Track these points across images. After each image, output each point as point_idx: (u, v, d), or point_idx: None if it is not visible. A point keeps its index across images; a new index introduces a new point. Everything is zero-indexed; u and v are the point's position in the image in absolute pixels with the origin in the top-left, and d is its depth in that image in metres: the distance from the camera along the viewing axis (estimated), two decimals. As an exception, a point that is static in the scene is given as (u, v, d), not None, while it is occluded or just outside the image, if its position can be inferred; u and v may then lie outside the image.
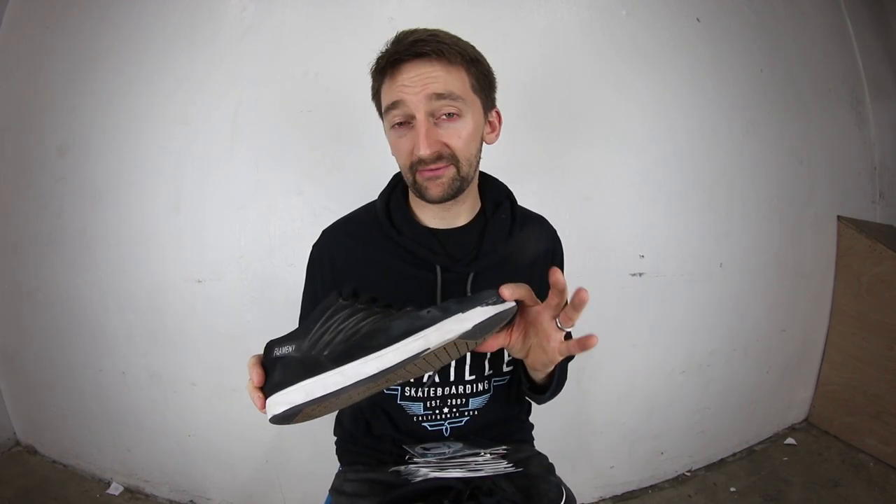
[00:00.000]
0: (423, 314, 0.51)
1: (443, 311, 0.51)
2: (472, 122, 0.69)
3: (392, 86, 0.67)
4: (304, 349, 0.52)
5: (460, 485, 0.72)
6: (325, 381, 0.50)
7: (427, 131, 0.66)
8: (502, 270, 0.77)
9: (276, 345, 0.55)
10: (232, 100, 1.37)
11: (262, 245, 1.39)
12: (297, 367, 0.51)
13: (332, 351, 0.51)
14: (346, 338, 0.51)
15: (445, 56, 0.65)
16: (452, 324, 0.50)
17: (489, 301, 0.52)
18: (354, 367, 0.49)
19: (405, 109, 0.67)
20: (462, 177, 0.70)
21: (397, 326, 0.50)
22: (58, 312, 1.58)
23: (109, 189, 1.46)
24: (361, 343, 0.50)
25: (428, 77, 0.65)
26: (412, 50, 0.65)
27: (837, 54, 1.89)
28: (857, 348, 1.80)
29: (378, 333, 0.50)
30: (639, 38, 1.48)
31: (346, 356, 0.50)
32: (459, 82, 0.67)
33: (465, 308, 0.51)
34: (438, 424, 0.80)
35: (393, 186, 0.81)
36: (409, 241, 0.75)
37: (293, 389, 0.50)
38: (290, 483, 1.54)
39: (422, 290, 0.74)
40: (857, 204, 1.93)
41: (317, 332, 0.53)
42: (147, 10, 1.40)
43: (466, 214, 0.78)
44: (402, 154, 0.70)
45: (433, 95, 0.65)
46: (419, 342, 0.49)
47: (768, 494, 1.59)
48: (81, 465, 1.70)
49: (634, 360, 1.59)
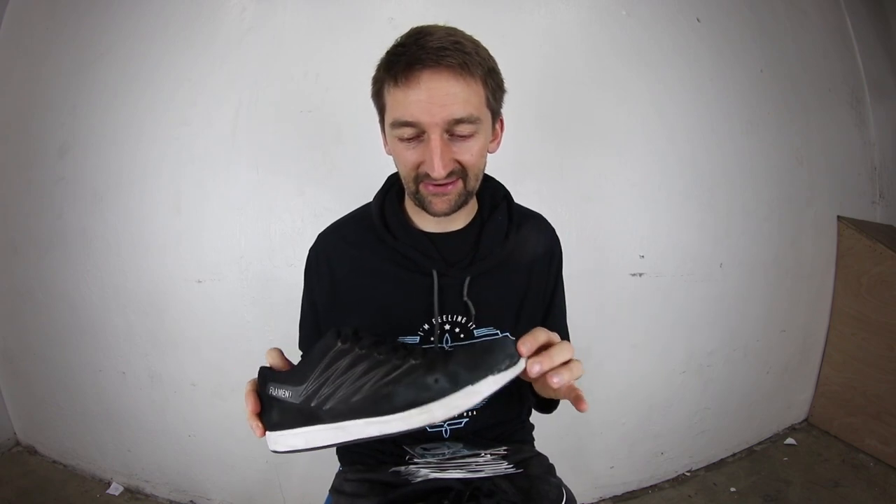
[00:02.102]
0: (431, 384, 0.48)
1: (452, 381, 0.47)
2: (484, 137, 0.67)
3: (406, 97, 0.61)
4: (301, 398, 0.51)
5: (460, 485, 0.72)
6: (325, 434, 0.50)
7: (442, 152, 0.62)
8: (499, 274, 0.76)
9: (271, 381, 0.53)
10: (232, 100, 1.37)
11: (263, 245, 1.39)
12: (296, 414, 0.50)
13: (333, 408, 0.49)
14: (346, 397, 0.49)
15: (469, 70, 0.60)
16: (460, 399, 0.47)
17: (501, 367, 0.48)
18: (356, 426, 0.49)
19: (419, 129, 0.62)
20: (468, 191, 0.69)
21: (401, 395, 0.48)
22: (58, 313, 1.58)
23: (110, 189, 1.46)
24: (364, 406, 0.49)
25: (448, 96, 0.60)
26: (435, 58, 0.59)
27: (837, 54, 1.89)
28: (857, 348, 1.80)
29: (381, 400, 0.48)
30: (639, 39, 1.48)
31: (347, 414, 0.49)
32: (477, 99, 0.63)
33: (475, 378, 0.47)
34: (438, 425, 0.79)
35: (387, 189, 0.79)
36: (405, 245, 0.74)
37: (293, 434, 0.50)
38: (290, 483, 1.54)
39: (418, 295, 0.74)
40: (857, 204, 1.93)
41: (315, 381, 0.51)
42: (147, 11, 1.40)
43: (463, 218, 0.77)
44: (407, 165, 0.66)
45: (453, 121, 0.61)
46: (423, 416, 0.47)
47: (768, 495, 1.59)
48: (81, 465, 1.70)
49: (634, 360, 1.59)
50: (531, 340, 0.50)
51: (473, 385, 0.47)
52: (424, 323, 0.74)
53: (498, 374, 0.48)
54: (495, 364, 0.48)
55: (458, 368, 0.48)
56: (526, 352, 0.49)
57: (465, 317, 0.75)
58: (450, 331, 0.75)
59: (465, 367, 0.48)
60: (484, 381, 0.47)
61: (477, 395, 0.47)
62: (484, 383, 0.47)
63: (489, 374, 0.47)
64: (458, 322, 0.75)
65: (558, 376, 0.49)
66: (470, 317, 0.74)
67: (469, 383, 0.47)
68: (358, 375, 0.50)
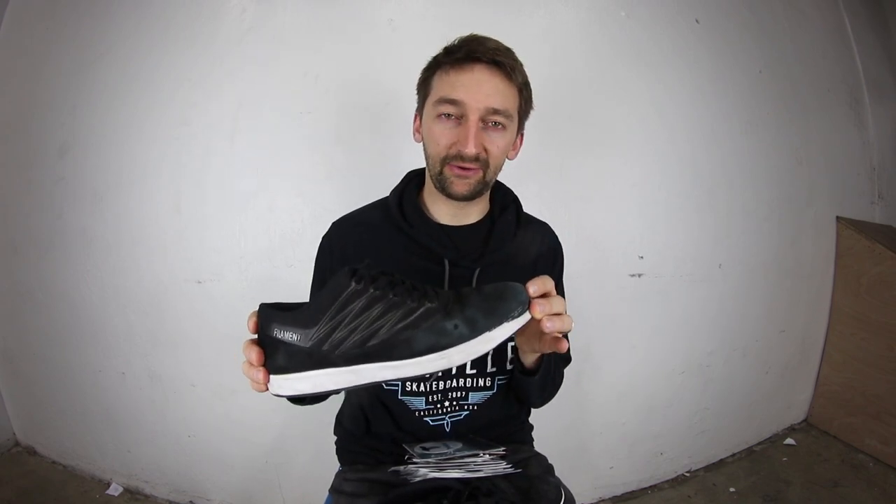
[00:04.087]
0: (450, 329, 0.48)
1: (470, 326, 0.48)
2: (510, 136, 0.75)
3: (456, 80, 0.70)
4: (312, 341, 0.48)
5: (459, 485, 0.72)
6: (335, 378, 0.48)
7: (476, 133, 0.70)
8: (506, 268, 0.79)
9: (275, 322, 0.51)
10: (232, 101, 1.37)
11: (262, 246, 1.39)
12: (304, 358, 0.49)
13: (346, 352, 0.48)
14: (361, 340, 0.48)
15: (514, 74, 0.71)
16: (478, 344, 0.48)
17: (514, 315, 0.49)
18: (370, 370, 0.48)
19: (461, 109, 0.70)
20: (486, 182, 0.75)
21: (421, 340, 0.48)
22: (58, 313, 1.58)
23: (110, 189, 1.46)
24: (380, 351, 0.48)
25: (493, 88, 0.70)
26: (490, 56, 0.69)
27: (836, 55, 1.89)
28: (856, 348, 1.80)
29: (399, 345, 0.48)
30: (638, 39, 1.48)
31: (361, 358, 0.48)
32: (513, 101, 0.73)
33: (492, 324, 0.48)
34: (440, 419, 0.80)
35: (407, 182, 0.84)
36: (420, 233, 0.77)
37: (300, 377, 0.49)
38: (289, 483, 1.54)
39: (429, 283, 0.75)
40: (856, 204, 1.93)
41: (327, 325, 0.48)
42: (147, 11, 1.40)
43: (476, 214, 0.82)
44: (440, 144, 0.72)
45: (491, 109, 0.70)
46: (442, 361, 0.48)
47: (768, 495, 1.59)
48: (81, 465, 1.70)
49: (634, 360, 1.59)
50: (540, 284, 0.53)
51: (490, 332, 0.48)
52: None
53: (512, 321, 0.49)
54: (509, 310, 0.49)
55: (476, 314, 0.49)
56: (533, 293, 0.53)
57: None
58: None
59: (482, 313, 0.49)
60: (500, 327, 0.49)
61: (493, 341, 0.48)
62: (499, 330, 0.49)
63: (504, 321, 0.49)
64: None
65: (551, 322, 0.53)
66: None
67: (487, 329, 0.48)
68: (374, 318, 0.48)
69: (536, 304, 0.52)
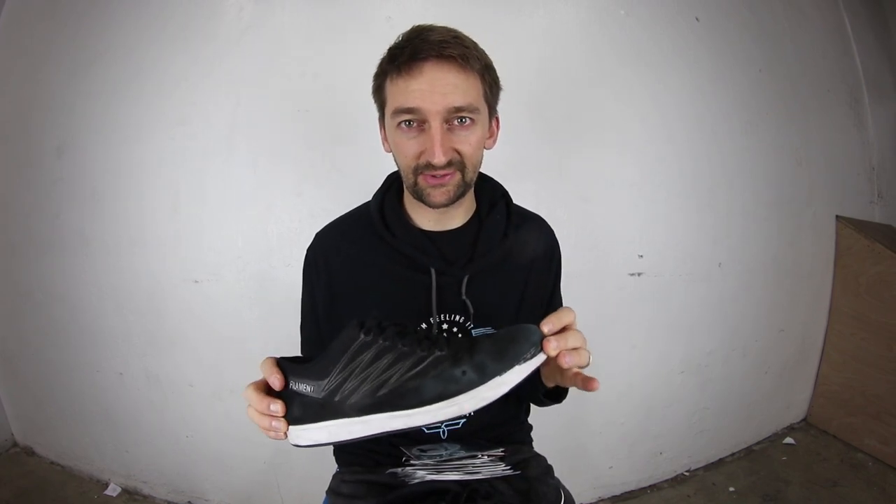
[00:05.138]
0: (459, 376, 0.47)
1: (479, 372, 0.47)
2: (482, 129, 0.69)
3: (408, 87, 0.64)
4: (324, 392, 0.49)
5: (457, 487, 0.72)
6: (349, 428, 0.49)
7: (442, 139, 0.64)
8: (498, 273, 0.76)
9: (291, 375, 0.52)
10: (230, 100, 1.37)
11: (261, 245, 1.39)
12: (318, 409, 0.50)
13: (357, 402, 0.49)
14: (372, 390, 0.48)
15: (468, 63, 0.63)
16: (489, 390, 0.47)
17: (527, 356, 0.48)
18: (380, 420, 0.48)
19: (420, 116, 0.64)
20: (466, 182, 0.70)
21: (429, 388, 0.47)
22: (56, 313, 1.58)
23: (107, 189, 1.46)
24: (390, 400, 0.48)
25: (449, 85, 0.63)
26: (437, 50, 0.62)
27: (836, 55, 1.89)
28: (856, 348, 1.80)
29: (408, 394, 0.48)
30: (638, 39, 1.48)
31: (372, 408, 0.48)
32: (475, 91, 0.66)
33: (502, 369, 0.47)
34: (436, 426, 0.79)
35: (387, 187, 0.80)
36: (404, 243, 0.74)
37: (316, 427, 0.50)
38: (288, 484, 1.54)
39: (417, 293, 0.74)
40: (856, 204, 1.93)
41: (338, 376, 0.49)
42: (146, 11, 1.40)
43: (462, 216, 0.77)
44: (408, 155, 0.67)
45: (453, 108, 0.64)
46: (452, 408, 0.47)
47: (767, 494, 1.59)
48: (79, 466, 1.70)
49: (633, 360, 1.59)
50: (556, 320, 0.51)
51: (501, 376, 0.47)
52: (422, 322, 0.74)
53: (524, 364, 0.48)
54: (521, 353, 0.48)
55: (485, 359, 0.48)
56: (548, 332, 0.51)
57: (464, 316, 0.75)
58: (448, 330, 0.75)
59: (491, 358, 0.48)
60: (511, 371, 0.47)
61: (505, 385, 0.47)
62: (511, 373, 0.47)
63: (515, 364, 0.48)
64: (456, 321, 0.75)
65: (570, 357, 0.51)
66: (468, 316, 0.74)
67: (497, 374, 0.47)
68: (383, 369, 0.49)
69: (549, 342, 0.50)
